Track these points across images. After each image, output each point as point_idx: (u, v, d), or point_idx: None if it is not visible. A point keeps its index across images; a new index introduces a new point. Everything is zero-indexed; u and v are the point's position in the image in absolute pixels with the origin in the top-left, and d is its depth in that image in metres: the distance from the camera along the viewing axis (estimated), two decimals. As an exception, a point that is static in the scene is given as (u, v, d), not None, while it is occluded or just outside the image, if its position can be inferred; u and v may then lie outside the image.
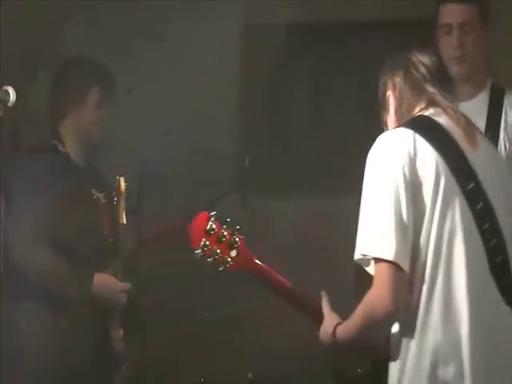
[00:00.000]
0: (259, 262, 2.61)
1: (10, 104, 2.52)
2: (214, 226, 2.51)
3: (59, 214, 2.97)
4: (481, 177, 2.29)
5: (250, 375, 3.69)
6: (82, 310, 3.00)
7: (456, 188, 2.24)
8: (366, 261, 2.25)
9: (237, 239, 2.53)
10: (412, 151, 2.22)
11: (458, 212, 2.23)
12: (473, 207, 2.25)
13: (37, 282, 2.97)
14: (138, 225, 3.55)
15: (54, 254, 2.98)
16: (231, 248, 2.50)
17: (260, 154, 3.96)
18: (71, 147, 3.16)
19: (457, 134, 2.31)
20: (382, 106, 2.46)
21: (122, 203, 3.16)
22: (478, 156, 2.32)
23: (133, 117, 3.94)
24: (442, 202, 2.23)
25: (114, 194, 3.16)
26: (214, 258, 2.49)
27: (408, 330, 2.25)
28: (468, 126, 2.35)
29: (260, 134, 4.26)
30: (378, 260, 2.19)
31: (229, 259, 2.49)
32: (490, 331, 2.24)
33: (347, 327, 2.32)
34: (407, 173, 2.21)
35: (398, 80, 2.40)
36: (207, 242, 2.49)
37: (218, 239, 2.51)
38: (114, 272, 3.12)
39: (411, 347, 2.25)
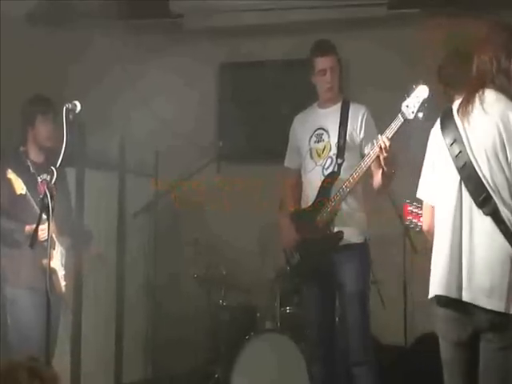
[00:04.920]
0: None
1: (76, 112, 3.65)
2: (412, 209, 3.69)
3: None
4: (468, 136, 3.00)
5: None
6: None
7: (445, 147, 3.05)
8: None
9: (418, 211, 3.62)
10: (433, 133, 3.14)
11: (448, 161, 3.03)
12: (453, 155, 3.03)
13: None
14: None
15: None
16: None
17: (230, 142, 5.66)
18: (31, 150, 4.49)
19: (459, 115, 3.06)
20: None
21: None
22: (470, 127, 3.01)
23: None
24: (439, 157, 3.08)
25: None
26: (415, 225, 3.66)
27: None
28: (470, 109, 3.01)
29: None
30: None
31: (420, 224, 3.54)
32: (474, 230, 2.95)
33: None
34: (432, 147, 3.13)
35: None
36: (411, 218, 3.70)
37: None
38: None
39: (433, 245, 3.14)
